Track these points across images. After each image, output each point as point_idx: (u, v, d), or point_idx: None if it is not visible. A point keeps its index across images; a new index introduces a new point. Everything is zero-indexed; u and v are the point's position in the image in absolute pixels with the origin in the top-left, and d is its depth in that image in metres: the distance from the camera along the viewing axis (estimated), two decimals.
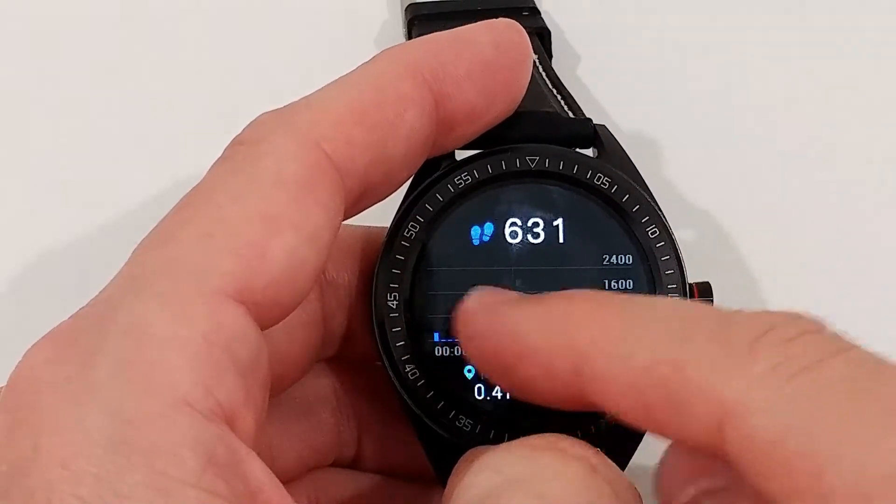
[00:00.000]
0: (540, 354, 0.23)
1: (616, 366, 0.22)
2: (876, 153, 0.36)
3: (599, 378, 0.22)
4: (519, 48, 0.27)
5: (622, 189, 0.28)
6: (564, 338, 0.23)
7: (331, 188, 0.24)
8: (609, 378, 0.22)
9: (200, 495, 0.20)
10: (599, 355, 0.22)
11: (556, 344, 0.23)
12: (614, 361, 0.22)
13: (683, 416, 0.21)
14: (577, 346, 0.22)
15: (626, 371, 0.22)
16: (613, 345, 0.22)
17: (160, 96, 0.37)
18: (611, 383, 0.22)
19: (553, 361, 0.23)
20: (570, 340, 0.22)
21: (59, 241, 0.35)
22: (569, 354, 0.22)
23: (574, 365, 0.22)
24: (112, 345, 0.21)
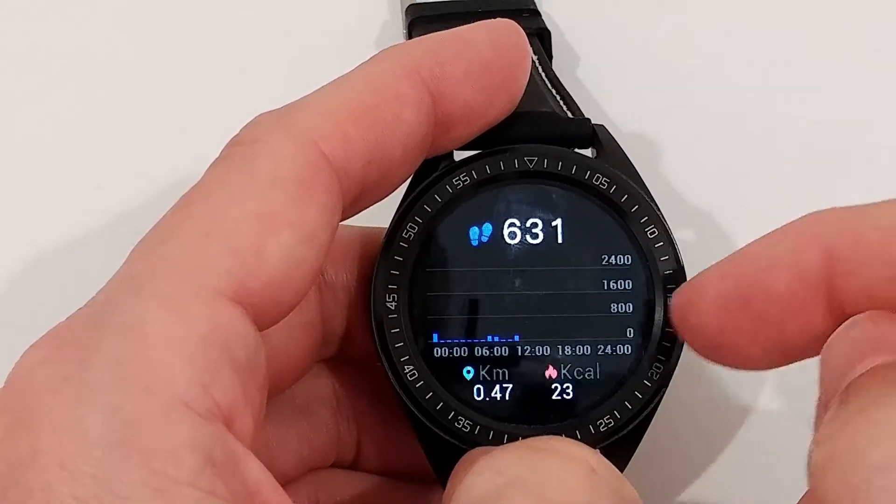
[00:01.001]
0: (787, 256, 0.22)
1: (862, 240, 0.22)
2: (876, 153, 0.36)
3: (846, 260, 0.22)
4: (517, 48, 0.27)
5: (621, 189, 0.28)
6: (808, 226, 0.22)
7: (328, 188, 0.24)
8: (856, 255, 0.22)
9: (198, 495, 0.20)
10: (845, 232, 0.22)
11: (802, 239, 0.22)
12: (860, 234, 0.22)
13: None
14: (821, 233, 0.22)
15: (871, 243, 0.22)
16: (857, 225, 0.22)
17: (159, 96, 0.37)
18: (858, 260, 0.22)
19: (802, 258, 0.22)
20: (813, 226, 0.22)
21: (58, 241, 0.35)
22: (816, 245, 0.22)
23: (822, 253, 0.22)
24: (110, 345, 0.21)
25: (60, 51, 0.38)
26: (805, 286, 0.22)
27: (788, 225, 0.23)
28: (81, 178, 0.36)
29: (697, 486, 0.33)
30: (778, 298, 0.23)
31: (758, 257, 0.23)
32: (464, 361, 0.28)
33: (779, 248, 0.23)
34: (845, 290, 0.22)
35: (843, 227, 0.22)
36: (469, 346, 0.28)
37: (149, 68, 0.38)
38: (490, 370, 0.28)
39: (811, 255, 0.22)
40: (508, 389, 0.28)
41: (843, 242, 0.22)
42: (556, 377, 0.28)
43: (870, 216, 0.22)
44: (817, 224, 0.23)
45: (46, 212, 0.36)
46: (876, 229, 0.22)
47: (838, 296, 0.22)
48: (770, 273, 0.23)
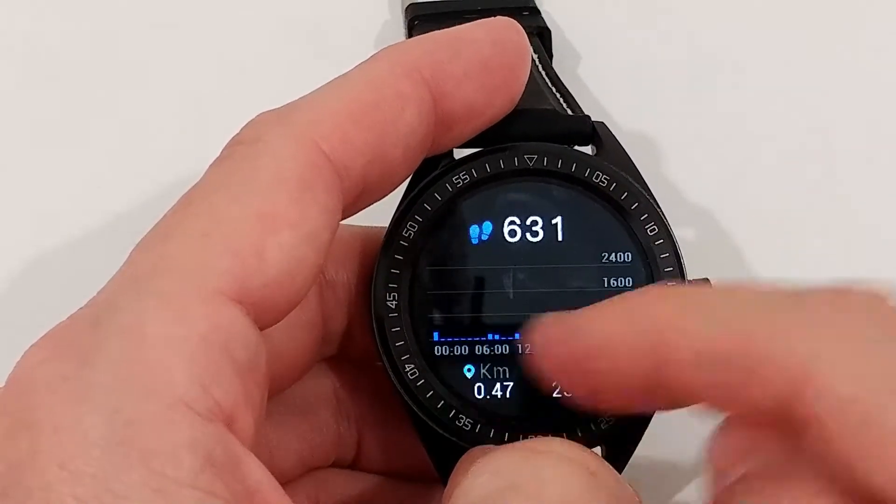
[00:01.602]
0: (618, 343, 0.23)
1: (693, 338, 0.22)
2: (876, 153, 0.36)
3: (675, 354, 0.22)
4: (517, 47, 0.27)
5: (621, 187, 0.28)
6: (646, 318, 0.22)
7: (329, 187, 0.24)
8: (685, 351, 0.22)
9: (198, 495, 0.20)
10: (677, 331, 0.22)
11: (638, 325, 0.22)
12: (691, 334, 0.22)
13: (759, 378, 0.21)
14: (656, 326, 0.22)
15: (702, 341, 0.21)
16: (691, 320, 0.22)
17: (159, 96, 0.37)
18: (686, 357, 0.22)
19: (631, 346, 0.22)
20: (651, 320, 0.22)
21: (58, 241, 0.35)
22: (646, 336, 0.22)
23: (651, 347, 0.22)
24: (110, 345, 0.21)
25: (60, 50, 0.38)
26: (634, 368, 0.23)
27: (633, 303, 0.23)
28: (81, 178, 0.36)
29: (697, 487, 0.33)
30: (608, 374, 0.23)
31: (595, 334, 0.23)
32: (464, 360, 0.28)
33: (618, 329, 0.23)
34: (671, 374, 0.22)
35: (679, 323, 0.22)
36: (470, 344, 0.28)
37: (149, 68, 0.38)
38: (491, 368, 0.28)
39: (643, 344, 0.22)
40: (509, 387, 0.28)
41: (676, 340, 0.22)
42: None
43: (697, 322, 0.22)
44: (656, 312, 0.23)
45: (47, 212, 0.36)
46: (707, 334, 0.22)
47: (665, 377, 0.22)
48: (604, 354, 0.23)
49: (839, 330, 0.21)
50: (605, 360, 0.23)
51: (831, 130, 0.36)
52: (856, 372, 0.20)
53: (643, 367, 0.22)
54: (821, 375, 0.20)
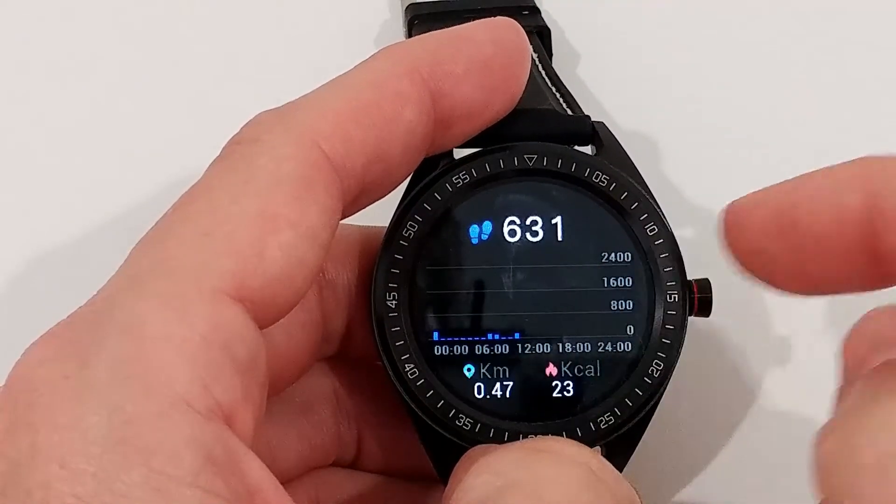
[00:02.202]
0: (829, 193, 0.22)
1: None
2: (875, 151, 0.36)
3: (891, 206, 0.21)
4: (517, 46, 0.27)
5: (621, 186, 0.28)
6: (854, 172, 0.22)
7: (329, 187, 0.24)
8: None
9: (198, 494, 0.20)
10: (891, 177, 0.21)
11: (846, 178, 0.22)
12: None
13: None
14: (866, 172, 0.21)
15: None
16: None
17: (159, 95, 0.37)
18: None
19: (844, 196, 0.21)
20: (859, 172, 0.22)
21: (58, 241, 0.35)
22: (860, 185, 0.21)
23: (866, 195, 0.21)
24: (110, 344, 0.21)
25: (60, 51, 0.38)
26: (844, 228, 0.22)
27: (841, 164, 0.22)
28: (81, 178, 0.36)
29: (697, 486, 0.33)
30: (817, 235, 0.22)
31: (803, 191, 0.22)
32: (464, 359, 0.28)
33: (824, 186, 0.22)
34: (884, 238, 0.21)
35: (890, 176, 0.21)
36: (469, 343, 0.28)
37: (149, 68, 0.38)
38: (490, 368, 0.28)
39: (853, 199, 0.21)
40: (509, 387, 0.28)
41: (887, 192, 0.21)
42: (557, 375, 0.28)
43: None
44: (866, 168, 0.22)
45: (46, 212, 0.36)
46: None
47: (878, 242, 0.21)
48: (811, 210, 0.22)
49: None
50: (815, 215, 0.22)
51: (830, 129, 0.36)
52: None
53: (854, 223, 0.21)
54: None
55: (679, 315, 0.27)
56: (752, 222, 0.23)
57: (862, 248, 0.22)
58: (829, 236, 0.22)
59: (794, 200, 0.22)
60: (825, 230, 0.22)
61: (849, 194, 0.22)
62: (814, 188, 0.22)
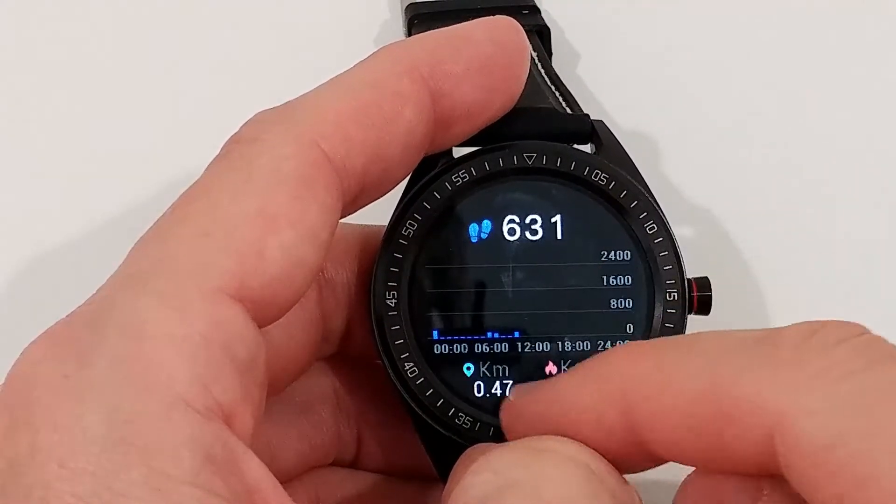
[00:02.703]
0: (587, 409, 0.23)
1: (662, 397, 0.22)
2: (874, 151, 0.36)
3: (648, 416, 0.22)
4: (516, 46, 0.27)
5: (620, 185, 0.28)
6: (609, 385, 0.23)
7: (328, 186, 0.24)
8: (657, 413, 0.22)
9: (197, 493, 0.20)
10: (644, 391, 0.22)
11: (602, 393, 0.23)
12: (660, 393, 0.22)
13: (733, 435, 0.21)
14: (623, 388, 0.22)
15: (672, 399, 0.22)
16: (657, 377, 0.22)
17: (159, 95, 0.37)
18: (660, 418, 0.22)
19: (602, 412, 0.23)
20: (615, 385, 0.22)
21: (58, 241, 0.35)
22: (615, 399, 0.22)
23: (622, 409, 0.22)
24: (110, 343, 0.21)
25: (60, 50, 0.38)
26: (610, 437, 0.23)
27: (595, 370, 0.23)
28: (81, 178, 0.36)
29: None
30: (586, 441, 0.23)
31: (565, 406, 0.23)
32: (464, 358, 0.28)
33: (584, 406, 0.23)
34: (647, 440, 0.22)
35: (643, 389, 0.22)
36: (469, 342, 0.28)
37: (149, 68, 0.38)
38: (490, 366, 0.28)
39: (612, 417, 0.22)
40: (509, 386, 0.28)
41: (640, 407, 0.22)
42: (556, 373, 0.28)
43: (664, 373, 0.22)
44: (619, 380, 0.23)
45: (46, 211, 0.36)
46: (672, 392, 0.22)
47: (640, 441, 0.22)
48: (576, 426, 0.23)
49: (813, 368, 0.20)
50: (580, 429, 0.23)
51: (830, 128, 0.36)
52: (830, 416, 0.19)
53: (617, 432, 0.22)
54: (794, 425, 0.20)
55: (678, 313, 0.27)
56: (526, 430, 0.24)
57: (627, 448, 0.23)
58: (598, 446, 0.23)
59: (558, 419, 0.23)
60: (593, 443, 0.23)
61: (607, 413, 0.23)
62: (574, 409, 0.23)
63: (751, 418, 0.20)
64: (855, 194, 0.36)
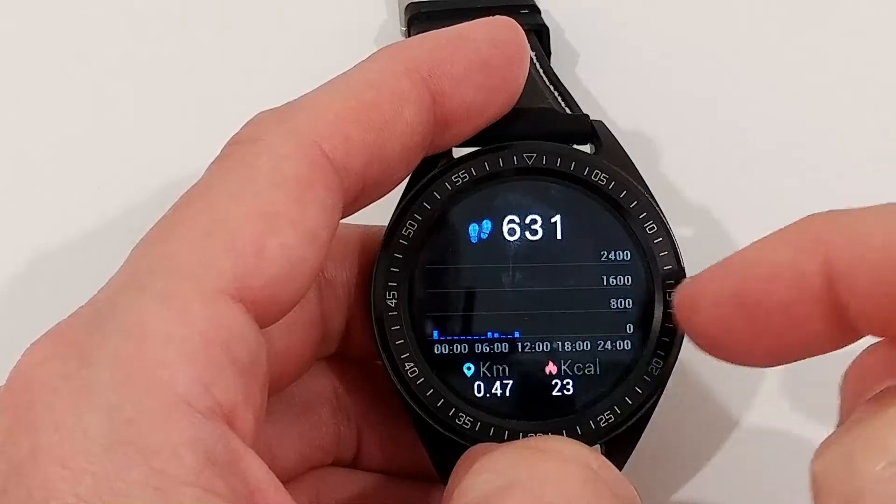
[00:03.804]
0: (785, 265, 0.22)
1: (867, 249, 0.21)
2: (874, 150, 0.36)
3: (849, 269, 0.21)
4: (516, 45, 0.27)
5: (620, 185, 0.28)
6: (808, 234, 0.22)
7: (329, 186, 0.24)
8: (860, 265, 0.21)
9: (199, 493, 0.20)
10: (848, 240, 0.21)
11: (801, 246, 0.22)
12: (864, 243, 0.21)
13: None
14: (824, 238, 0.21)
15: (878, 251, 0.21)
16: (861, 227, 0.21)
17: (159, 95, 0.37)
18: (862, 271, 0.21)
19: (801, 265, 0.21)
20: (813, 237, 0.22)
21: (58, 241, 0.35)
22: (815, 251, 0.21)
23: (822, 262, 0.21)
24: (111, 343, 0.21)
25: (60, 51, 0.38)
26: (805, 295, 0.22)
27: (789, 228, 0.22)
28: (82, 178, 0.36)
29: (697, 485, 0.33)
30: (778, 307, 0.22)
31: (757, 263, 0.22)
32: (464, 358, 0.28)
33: (778, 255, 0.22)
34: (846, 299, 0.21)
35: (843, 234, 0.21)
36: (469, 342, 0.28)
37: (149, 68, 0.38)
38: (490, 366, 0.28)
39: (811, 264, 0.22)
40: (509, 386, 0.28)
41: (843, 252, 0.21)
42: (556, 373, 0.28)
43: (869, 223, 0.21)
44: (817, 230, 0.22)
45: (47, 212, 0.36)
46: (875, 239, 0.21)
47: (840, 303, 0.22)
48: (769, 282, 0.22)
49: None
50: (776, 288, 0.22)
51: (830, 127, 0.36)
52: None
53: (815, 291, 0.21)
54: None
55: None
56: (708, 302, 0.23)
57: (823, 313, 0.22)
58: (790, 307, 0.22)
59: (749, 277, 0.22)
60: (785, 303, 0.22)
61: (805, 263, 0.22)
62: (768, 260, 0.22)
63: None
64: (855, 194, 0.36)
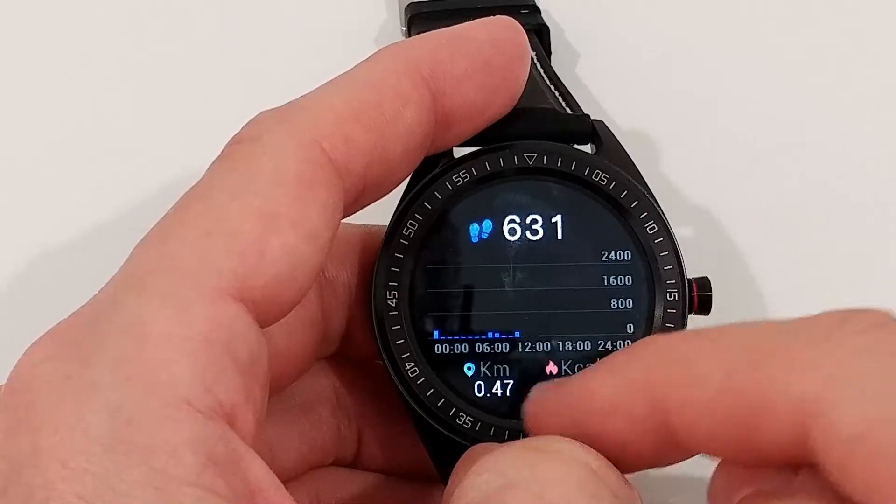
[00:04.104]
0: (616, 402, 0.23)
1: (691, 389, 0.22)
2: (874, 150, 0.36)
3: (676, 408, 0.22)
4: (517, 46, 0.27)
5: (620, 185, 0.28)
6: (637, 377, 0.22)
7: (330, 186, 0.24)
8: (686, 404, 0.22)
9: (199, 493, 0.20)
10: (673, 383, 0.22)
11: (630, 385, 0.22)
12: (688, 385, 0.22)
13: (766, 425, 0.20)
14: (651, 380, 0.22)
15: (701, 390, 0.21)
16: (685, 369, 0.22)
17: (159, 95, 0.37)
18: (689, 409, 0.22)
19: (631, 404, 0.22)
20: (643, 377, 0.22)
21: (59, 241, 0.35)
22: (644, 392, 0.22)
23: (651, 401, 0.22)
24: (111, 343, 0.21)
25: (61, 50, 0.38)
26: (637, 429, 0.22)
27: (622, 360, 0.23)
28: (82, 178, 0.36)
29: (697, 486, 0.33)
30: (615, 439, 0.23)
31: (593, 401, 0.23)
32: (465, 358, 0.28)
33: (612, 397, 0.23)
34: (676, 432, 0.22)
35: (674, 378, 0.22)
36: (470, 342, 0.28)
37: (149, 67, 0.38)
38: (491, 366, 0.28)
39: (640, 408, 0.22)
40: (509, 385, 0.28)
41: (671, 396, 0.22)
42: (557, 373, 0.28)
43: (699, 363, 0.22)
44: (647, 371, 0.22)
45: (47, 211, 0.36)
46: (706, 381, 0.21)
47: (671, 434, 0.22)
48: (604, 424, 0.23)
49: (846, 353, 0.20)
50: (609, 422, 0.23)
51: (830, 126, 0.36)
52: (866, 403, 0.19)
53: (647, 425, 0.22)
54: (829, 412, 0.19)
55: (679, 313, 0.28)
56: (551, 427, 0.24)
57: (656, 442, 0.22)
58: (627, 439, 0.23)
59: (584, 414, 0.23)
60: (621, 436, 0.23)
61: (636, 405, 0.22)
62: (602, 401, 0.23)
63: (784, 406, 0.20)
64: (855, 194, 0.36)
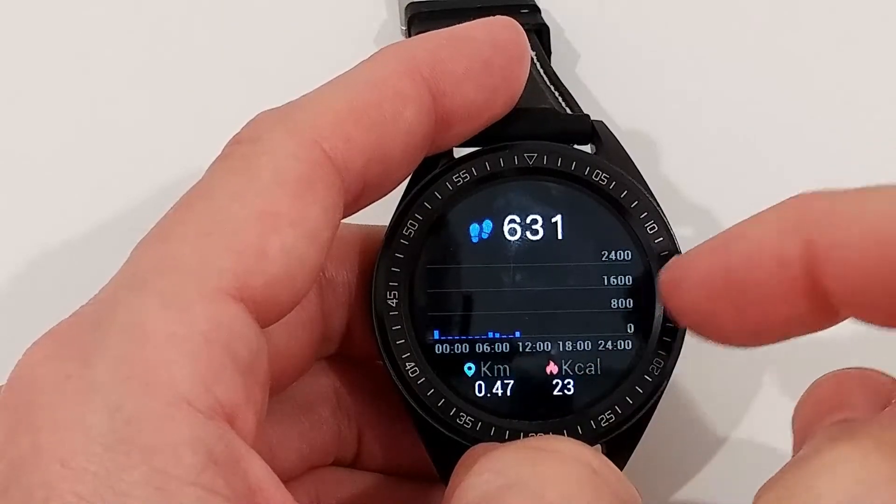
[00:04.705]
0: (768, 244, 0.22)
1: (850, 229, 0.21)
2: (874, 150, 0.36)
3: (830, 251, 0.21)
4: (517, 46, 0.27)
5: (620, 185, 0.28)
6: (791, 217, 0.22)
7: (330, 186, 0.24)
8: (842, 247, 0.21)
9: (199, 493, 0.20)
10: (830, 221, 0.21)
11: (783, 225, 0.22)
12: (847, 225, 0.21)
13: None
14: (807, 217, 0.21)
15: (861, 233, 0.21)
16: (845, 208, 0.21)
17: (159, 95, 0.37)
18: (844, 253, 0.21)
19: (783, 246, 0.21)
20: (796, 216, 0.22)
21: (59, 241, 0.35)
22: (796, 232, 0.21)
23: (803, 244, 0.21)
24: (112, 343, 0.21)
25: (61, 50, 0.38)
26: (786, 274, 0.22)
27: (776, 208, 0.23)
28: (83, 178, 0.36)
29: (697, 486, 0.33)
30: (759, 286, 0.22)
31: (741, 243, 0.23)
32: (465, 358, 0.28)
33: (761, 235, 0.22)
34: (826, 281, 0.21)
35: (825, 216, 0.22)
36: (470, 342, 0.28)
37: (149, 68, 0.38)
38: (491, 366, 0.28)
39: (792, 247, 0.22)
40: (509, 385, 0.28)
41: (824, 234, 0.21)
42: (557, 373, 0.28)
43: (853, 205, 0.21)
44: (801, 211, 0.22)
45: (47, 211, 0.36)
46: (856, 222, 0.21)
47: (821, 284, 0.22)
48: (752, 261, 0.22)
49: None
50: (758, 266, 0.22)
51: (829, 127, 0.36)
52: None
53: (796, 272, 0.21)
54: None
55: None
56: (692, 282, 0.23)
57: (804, 293, 0.22)
58: (772, 287, 0.22)
59: (732, 256, 0.22)
60: (767, 282, 0.22)
61: (787, 243, 0.22)
62: (750, 241, 0.22)
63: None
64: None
